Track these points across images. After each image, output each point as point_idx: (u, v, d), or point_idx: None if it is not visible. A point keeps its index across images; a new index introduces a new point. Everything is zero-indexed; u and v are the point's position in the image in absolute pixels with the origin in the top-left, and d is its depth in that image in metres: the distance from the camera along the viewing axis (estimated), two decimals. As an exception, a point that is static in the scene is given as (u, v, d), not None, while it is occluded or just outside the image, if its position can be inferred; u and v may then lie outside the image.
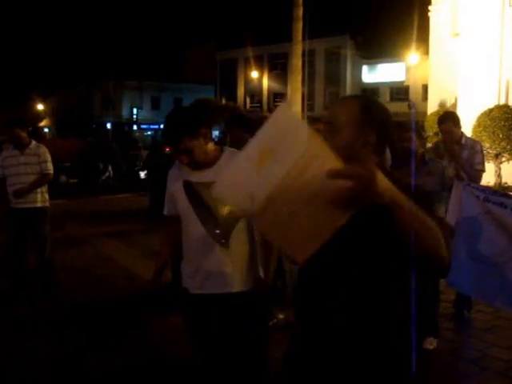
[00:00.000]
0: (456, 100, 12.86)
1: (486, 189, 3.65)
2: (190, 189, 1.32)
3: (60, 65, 35.07)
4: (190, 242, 2.23)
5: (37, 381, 3.23)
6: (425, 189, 3.35)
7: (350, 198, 1.04)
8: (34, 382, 3.22)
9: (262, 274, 2.27)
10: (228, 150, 2.22)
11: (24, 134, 4.66)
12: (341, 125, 1.36)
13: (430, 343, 3.58)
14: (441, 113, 6.05)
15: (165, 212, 2.37)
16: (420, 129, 3.88)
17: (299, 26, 14.34)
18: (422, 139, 3.58)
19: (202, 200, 1.26)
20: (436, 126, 4.37)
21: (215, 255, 2.14)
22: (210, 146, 2.17)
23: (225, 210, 1.23)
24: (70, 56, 34.45)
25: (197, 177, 2.02)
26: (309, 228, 1.07)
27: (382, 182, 1.06)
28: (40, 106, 38.64)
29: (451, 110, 10.68)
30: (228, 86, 36.43)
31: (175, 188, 2.15)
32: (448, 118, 4.16)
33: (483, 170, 4.07)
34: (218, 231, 1.33)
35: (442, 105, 14.10)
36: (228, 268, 2.17)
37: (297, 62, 14.54)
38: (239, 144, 2.24)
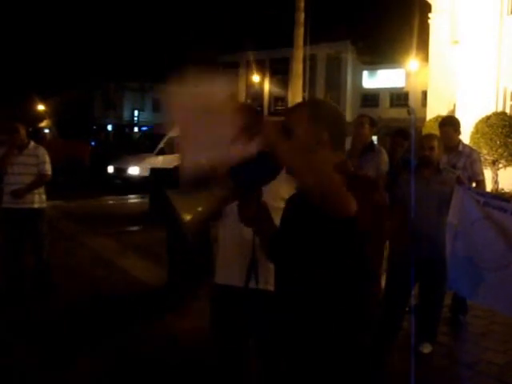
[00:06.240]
0: (454, 106, 12.92)
1: (486, 193, 3.68)
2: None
3: (61, 65, 35.00)
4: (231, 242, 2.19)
5: (35, 381, 3.24)
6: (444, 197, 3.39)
7: None
8: (33, 382, 3.23)
9: None
10: None
11: (23, 131, 4.67)
12: (294, 127, 1.42)
13: (426, 347, 3.60)
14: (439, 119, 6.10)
15: None
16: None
17: (301, 32, 14.41)
18: (442, 149, 3.63)
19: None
20: (434, 131, 4.43)
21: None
22: None
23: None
24: (70, 57, 34.37)
25: None
26: None
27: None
28: (40, 107, 38.61)
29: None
30: (229, 90, 36.44)
31: None
32: (449, 122, 4.28)
33: (484, 179, 4.16)
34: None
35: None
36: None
37: (298, 67, 14.60)
38: None
